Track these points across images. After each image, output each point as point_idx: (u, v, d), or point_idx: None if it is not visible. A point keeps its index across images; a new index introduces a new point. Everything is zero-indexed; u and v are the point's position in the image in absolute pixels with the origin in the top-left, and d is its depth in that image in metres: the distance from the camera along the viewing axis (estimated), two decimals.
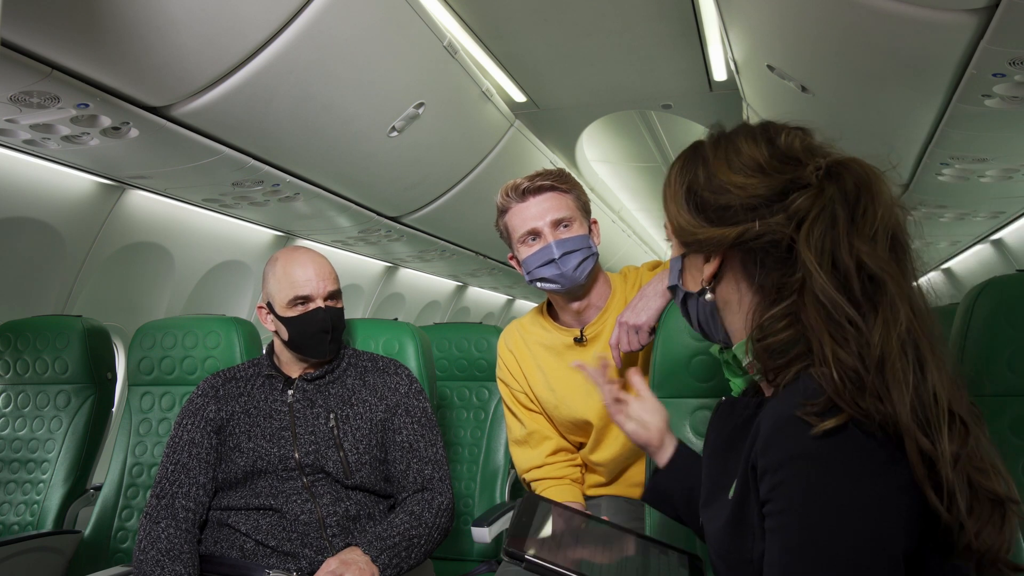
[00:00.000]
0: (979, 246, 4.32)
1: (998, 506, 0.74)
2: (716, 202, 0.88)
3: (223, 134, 2.25)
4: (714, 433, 0.98)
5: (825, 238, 0.79)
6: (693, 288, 0.96)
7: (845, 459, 0.73)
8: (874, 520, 0.72)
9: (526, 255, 1.57)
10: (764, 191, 0.85)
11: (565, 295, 1.60)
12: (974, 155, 2.45)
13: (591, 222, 1.63)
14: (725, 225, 0.86)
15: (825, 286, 0.77)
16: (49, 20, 1.53)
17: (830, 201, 0.80)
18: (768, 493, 0.76)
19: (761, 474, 0.77)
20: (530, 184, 1.56)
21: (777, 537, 0.76)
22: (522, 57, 2.91)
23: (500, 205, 1.61)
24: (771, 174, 0.85)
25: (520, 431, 1.69)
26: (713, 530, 0.91)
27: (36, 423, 2.31)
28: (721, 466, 0.92)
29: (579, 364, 1.29)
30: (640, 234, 6.53)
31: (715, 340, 0.99)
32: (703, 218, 0.89)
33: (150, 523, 1.58)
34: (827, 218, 0.80)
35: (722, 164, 0.89)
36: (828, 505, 0.72)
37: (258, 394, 1.71)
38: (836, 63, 2.03)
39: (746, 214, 0.85)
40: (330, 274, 1.70)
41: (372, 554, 1.47)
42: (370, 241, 3.97)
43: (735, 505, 0.85)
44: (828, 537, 0.72)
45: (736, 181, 0.86)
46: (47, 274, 2.69)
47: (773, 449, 0.76)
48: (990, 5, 1.48)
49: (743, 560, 0.83)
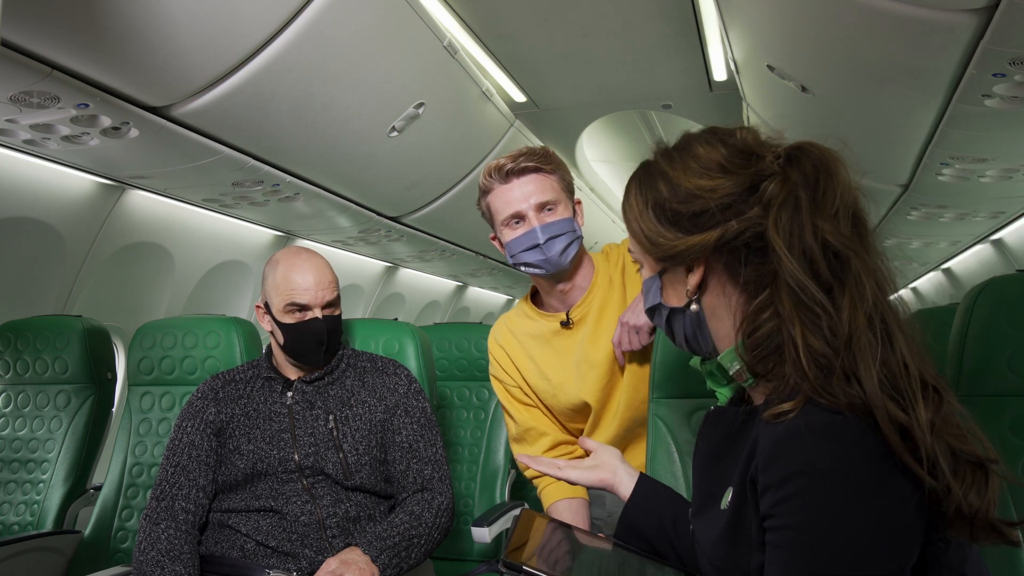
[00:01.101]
0: (979, 246, 4.32)
1: (980, 468, 0.74)
2: (689, 210, 0.87)
3: (223, 134, 2.26)
4: (704, 443, 0.98)
5: (792, 222, 0.80)
6: (677, 303, 0.94)
7: (849, 476, 0.72)
8: (878, 537, 0.72)
9: (510, 238, 1.54)
10: (734, 188, 0.85)
11: (549, 279, 1.59)
12: (974, 155, 2.45)
13: (575, 203, 1.60)
14: (703, 230, 0.86)
15: (795, 271, 0.78)
16: (49, 20, 1.53)
17: (794, 185, 0.82)
18: (770, 509, 0.76)
19: (763, 490, 0.77)
20: (514, 165, 1.52)
21: (780, 553, 0.76)
22: (522, 57, 2.92)
23: (483, 186, 1.57)
24: (735, 171, 0.86)
25: (516, 428, 1.68)
26: (707, 540, 0.91)
27: (36, 423, 2.31)
28: (713, 476, 0.92)
29: (522, 456, 1.27)
30: None
31: (701, 353, 0.98)
32: (679, 229, 0.88)
33: (150, 525, 1.58)
34: (791, 202, 0.81)
35: (683, 173, 0.89)
36: (832, 523, 0.72)
37: (257, 396, 1.71)
38: (836, 63, 2.03)
39: (722, 214, 0.85)
40: (330, 282, 1.69)
41: (372, 554, 1.47)
42: (370, 241, 3.97)
43: (731, 516, 0.84)
44: (832, 554, 0.72)
45: (704, 185, 0.86)
46: (47, 274, 2.69)
47: (775, 465, 0.76)
48: (990, 5, 1.48)
49: (740, 572, 0.83)
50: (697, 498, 0.97)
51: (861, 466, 0.73)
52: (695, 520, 0.96)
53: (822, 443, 0.74)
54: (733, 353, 0.89)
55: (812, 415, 0.75)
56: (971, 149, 2.38)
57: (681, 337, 0.97)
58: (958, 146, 2.35)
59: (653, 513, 1.12)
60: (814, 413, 0.75)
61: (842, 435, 0.74)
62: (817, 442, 0.74)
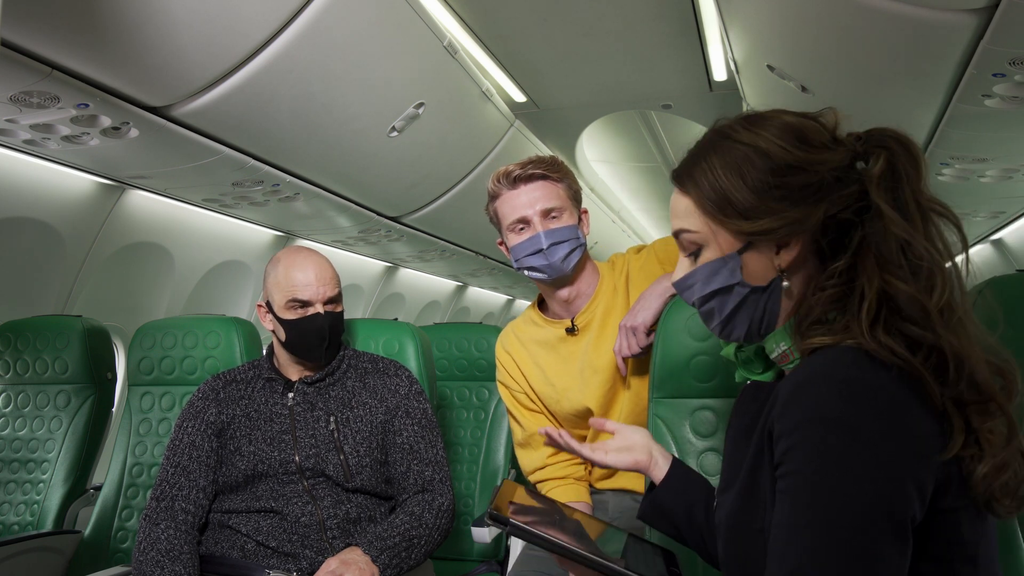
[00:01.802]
0: (979, 246, 4.32)
1: None
2: (795, 182, 0.85)
3: (223, 134, 2.25)
4: (736, 417, 0.98)
5: (897, 189, 0.83)
6: (761, 282, 0.89)
7: (863, 424, 0.74)
8: (887, 487, 0.73)
9: (515, 243, 1.59)
10: (840, 162, 0.86)
11: (552, 284, 1.62)
12: (974, 155, 2.45)
13: (581, 211, 1.63)
14: (808, 204, 0.85)
15: (904, 229, 0.81)
16: (49, 20, 1.53)
17: (899, 161, 0.85)
18: (782, 456, 0.77)
19: (777, 438, 0.78)
20: (521, 172, 1.56)
21: (787, 498, 0.77)
22: (522, 57, 2.91)
23: (491, 191, 1.61)
24: (834, 148, 0.87)
25: (522, 434, 1.70)
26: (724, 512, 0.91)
27: (36, 423, 2.31)
28: (743, 449, 0.91)
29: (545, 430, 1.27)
30: (640, 234, 6.53)
31: (752, 339, 0.94)
32: (783, 202, 0.85)
33: (150, 525, 1.58)
34: (898, 174, 0.84)
35: (778, 145, 0.86)
36: (842, 469, 0.73)
37: (258, 397, 1.71)
38: (836, 63, 2.03)
39: (826, 189, 0.85)
40: (331, 278, 1.70)
41: (372, 554, 1.47)
42: (370, 241, 3.97)
43: (747, 474, 0.85)
44: (839, 501, 0.73)
45: (811, 159, 0.85)
46: (47, 274, 2.69)
47: (790, 412, 0.77)
48: (990, 5, 1.48)
49: (753, 529, 0.84)
50: (726, 472, 0.97)
51: (875, 418, 0.74)
52: (721, 496, 0.96)
53: (838, 391, 0.75)
54: (782, 333, 0.89)
55: (835, 365, 0.77)
56: (971, 149, 2.38)
57: (746, 320, 0.91)
58: (958, 146, 2.34)
59: (683, 497, 1.11)
60: (838, 363, 0.77)
61: (859, 387, 0.75)
62: (833, 390, 0.76)
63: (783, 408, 0.78)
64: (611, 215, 5.41)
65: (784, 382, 0.81)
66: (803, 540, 0.74)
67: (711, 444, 1.42)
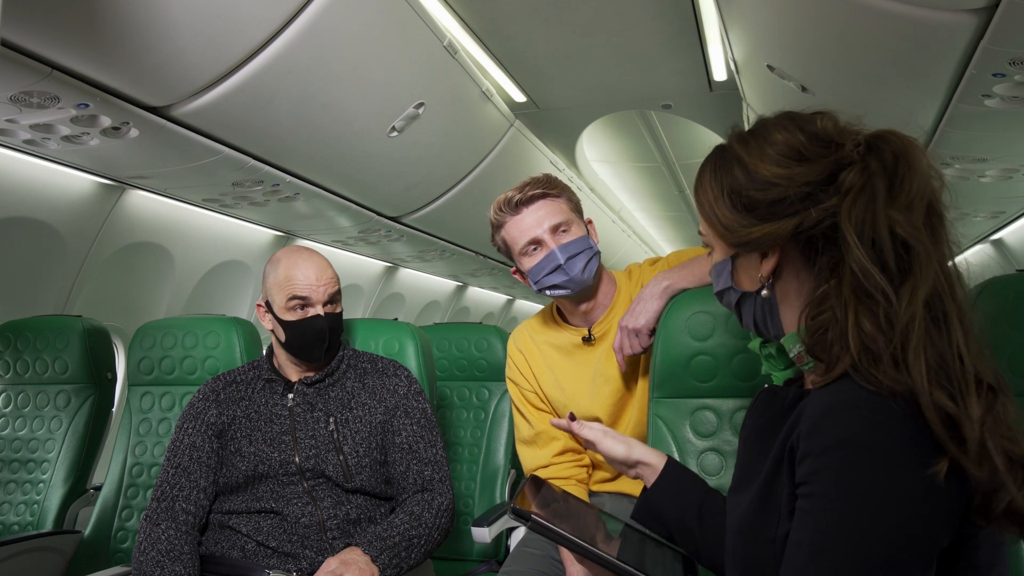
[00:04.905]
0: (979, 246, 4.32)
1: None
2: (766, 198, 0.86)
3: (223, 134, 2.25)
4: (752, 420, 0.98)
5: (865, 211, 0.80)
6: (750, 287, 0.94)
7: (892, 450, 0.73)
8: (914, 516, 0.72)
9: (530, 265, 1.57)
10: (813, 176, 0.84)
11: (574, 299, 1.61)
12: (974, 155, 2.45)
13: (587, 221, 1.63)
14: (780, 219, 0.86)
15: (861, 257, 0.78)
16: (49, 20, 1.53)
17: (872, 175, 0.81)
18: (807, 476, 0.76)
19: (802, 457, 0.78)
20: (521, 195, 1.56)
21: (810, 519, 0.76)
22: (522, 57, 2.91)
23: (494, 221, 1.60)
24: (814, 160, 0.85)
25: (528, 431, 1.70)
26: (737, 514, 0.91)
27: (36, 423, 2.31)
28: (757, 452, 0.92)
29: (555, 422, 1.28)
30: (640, 234, 6.53)
31: (769, 336, 0.98)
32: (754, 217, 0.87)
33: (150, 525, 1.58)
34: (868, 192, 0.81)
35: (760, 159, 0.87)
36: (869, 495, 0.73)
37: (258, 398, 1.71)
38: (836, 63, 2.03)
39: (801, 203, 0.84)
40: (331, 278, 1.70)
41: (372, 554, 1.47)
42: (370, 241, 3.97)
43: (763, 484, 0.85)
44: (863, 527, 0.72)
45: (781, 173, 0.85)
46: (47, 274, 2.69)
47: (819, 433, 0.76)
48: (990, 5, 1.48)
49: (765, 539, 0.84)
50: (738, 472, 0.97)
51: (902, 446, 0.73)
52: (732, 496, 0.96)
53: (868, 417, 0.75)
54: (796, 336, 0.89)
55: (862, 390, 0.76)
56: (971, 149, 2.38)
57: (750, 319, 0.97)
58: (958, 146, 2.34)
59: (677, 499, 1.12)
60: (865, 388, 0.76)
61: (889, 413, 0.74)
62: (863, 416, 0.75)
63: (812, 428, 0.77)
64: (611, 215, 5.41)
65: (812, 400, 0.80)
66: (826, 564, 0.73)
67: (711, 444, 1.42)
